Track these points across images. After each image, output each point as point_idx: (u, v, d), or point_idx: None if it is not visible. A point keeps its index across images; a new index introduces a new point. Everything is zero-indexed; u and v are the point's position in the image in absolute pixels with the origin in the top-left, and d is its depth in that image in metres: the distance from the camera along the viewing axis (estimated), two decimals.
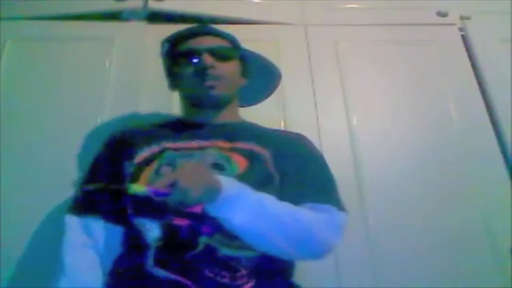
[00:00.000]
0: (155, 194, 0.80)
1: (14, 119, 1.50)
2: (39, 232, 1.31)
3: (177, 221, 0.91)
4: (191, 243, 0.89)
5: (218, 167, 0.98)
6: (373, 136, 1.59)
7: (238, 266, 0.89)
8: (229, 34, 1.20)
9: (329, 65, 1.72)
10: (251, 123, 1.21)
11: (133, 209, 0.97)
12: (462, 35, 1.83)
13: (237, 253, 0.90)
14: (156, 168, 0.99)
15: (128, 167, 1.02)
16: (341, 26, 1.82)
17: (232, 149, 1.03)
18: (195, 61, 1.09)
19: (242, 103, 1.27)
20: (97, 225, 1.02)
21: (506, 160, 1.56)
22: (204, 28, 1.17)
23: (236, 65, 1.17)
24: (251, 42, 1.74)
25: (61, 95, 1.56)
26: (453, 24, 1.85)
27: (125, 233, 1.00)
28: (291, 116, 1.60)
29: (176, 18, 1.74)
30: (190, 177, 0.81)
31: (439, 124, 1.63)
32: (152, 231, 0.91)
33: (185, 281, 0.85)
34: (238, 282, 0.88)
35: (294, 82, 1.66)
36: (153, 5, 1.72)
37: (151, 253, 0.88)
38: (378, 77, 1.71)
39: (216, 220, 0.89)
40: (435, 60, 1.76)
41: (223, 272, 0.88)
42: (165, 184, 0.80)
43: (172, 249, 0.88)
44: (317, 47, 1.75)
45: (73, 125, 1.48)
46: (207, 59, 1.08)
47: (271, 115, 1.60)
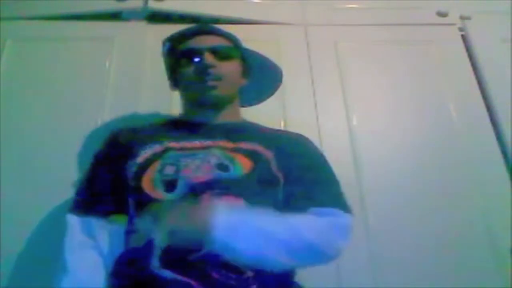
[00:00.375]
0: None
1: (14, 119, 1.50)
2: (39, 232, 1.31)
3: None
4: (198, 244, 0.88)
5: (222, 168, 0.98)
6: (373, 136, 1.59)
7: (244, 268, 0.89)
8: (230, 34, 1.19)
9: (329, 65, 1.72)
10: (253, 123, 1.21)
11: (139, 210, 0.97)
12: (462, 35, 1.83)
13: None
14: (160, 168, 0.98)
15: (131, 167, 1.02)
16: (341, 26, 1.82)
17: (235, 150, 1.03)
18: (196, 61, 1.09)
19: (244, 103, 1.27)
20: (99, 225, 1.01)
21: (506, 160, 1.57)
22: (206, 28, 1.17)
23: (238, 65, 1.17)
24: (251, 42, 1.74)
25: (61, 95, 1.56)
26: (453, 24, 1.85)
27: (128, 233, 0.99)
28: (291, 116, 1.60)
29: (176, 18, 1.75)
30: (176, 218, 0.84)
31: (439, 124, 1.63)
32: (157, 232, 0.90)
33: (192, 282, 0.85)
34: (244, 284, 0.88)
35: (294, 82, 1.66)
36: (153, 5, 1.72)
37: (157, 254, 0.88)
38: (378, 77, 1.71)
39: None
40: (435, 60, 1.76)
41: (229, 274, 0.87)
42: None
43: (178, 250, 0.88)
44: (317, 47, 1.75)
45: (73, 125, 1.48)
46: (208, 59, 1.08)
47: (271, 115, 1.60)
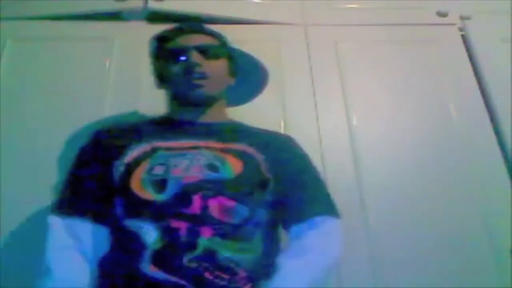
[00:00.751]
0: None
1: (14, 119, 1.50)
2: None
3: (176, 224, 0.90)
4: (190, 246, 0.88)
5: (213, 168, 0.98)
6: (373, 136, 1.59)
7: (237, 269, 0.89)
8: (218, 33, 1.19)
9: (329, 65, 1.72)
10: (240, 123, 1.20)
11: (127, 211, 0.95)
12: (462, 35, 1.83)
13: (237, 256, 0.90)
14: (149, 168, 0.97)
15: (118, 166, 1.00)
16: (341, 26, 1.82)
17: (225, 150, 1.02)
18: (183, 59, 1.08)
19: (230, 103, 1.25)
20: (83, 226, 0.99)
21: (506, 160, 1.56)
22: (193, 26, 1.17)
23: (225, 64, 1.16)
24: (251, 42, 1.75)
25: (61, 95, 1.56)
26: (453, 24, 1.85)
27: (114, 235, 0.97)
28: (291, 116, 1.60)
29: (176, 18, 1.74)
30: None
31: (439, 124, 1.63)
32: (149, 234, 0.90)
33: (184, 283, 0.85)
34: (237, 285, 0.88)
35: (294, 82, 1.66)
36: (153, 5, 1.72)
37: (148, 256, 0.87)
38: (378, 77, 1.71)
39: (213, 222, 0.89)
40: (435, 60, 1.76)
41: (223, 275, 0.87)
42: None
43: (171, 252, 0.88)
44: (317, 47, 1.75)
45: (73, 125, 1.48)
46: (195, 57, 1.07)
47: (271, 115, 1.60)
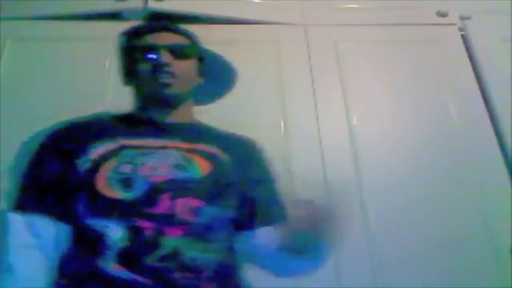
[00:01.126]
0: None
1: (14, 119, 1.50)
2: None
3: (142, 223, 0.89)
4: (155, 245, 0.87)
5: (180, 168, 0.97)
6: (373, 136, 1.59)
7: (202, 268, 0.89)
8: (189, 32, 1.17)
9: (329, 65, 1.72)
10: (205, 124, 1.19)
11: (91, 209, 0.93)
12: (462, 35, 1.83)
13: (202, 256, 0.90)
14: (115, 166, 0.95)
15: (83, 163, 0.97)
16: (341, 26, 1.82)
17: (192, 151, 1.01)
18: (152, 58, 1.07)
19: (198, 102, 1.23)
20: (43, 223, 0.96)
21: (506, 160, 1.57)
22: (164, 24, 1.15)
23: (194, 64, 1.14)
24: (251, 42, 1.76)
25: (61, 95, 1.56)
26: (453, 24, 1.85)
27: (76, 233, 0.95)
28: (291, 116, 1.60)
29: (176, 18, 1.74)
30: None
31: (439, 124, 1.63)
32: (114, 232, 0.88)
33: (148, 283, 0.84)
34: (201, 284, 0.88)
35: (294, 82, 1.66)
36: (153, 5, 1.72)
37: (112, 254, 0.86)
38: (378, 77, 1.71)
39: (179, 222, 0.89)
40: (435, 60, 1.76)
41: (187, 274, 0.87)
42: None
43: (135, 251, 0.87)
44: (317, 47, 1.75)
45: None
46: (164, 56, 1.06)
47: (271, 115, 1.60)
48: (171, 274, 0.86)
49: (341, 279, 1.35)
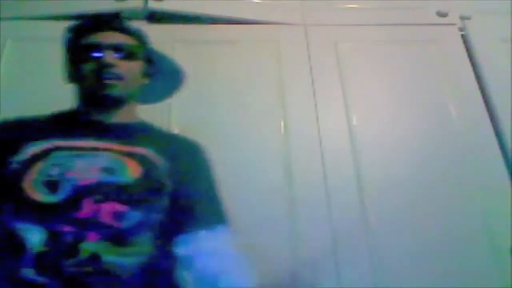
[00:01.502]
0: None
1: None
2: None
3: (62, 227, 0.88)
4: (74, 249, 0.86)
5: (110, 171, 0.95)
6: (373, 136, 1.59)
7: (121, 272, 0.88)
8: (138, 32, 1.15)
9: (329, 65, 1.72)
10: (148, 124, 1.17)
11: (15, 212, 0.91)
12: (462, 35, 1.83)
13: (122, 260, 0.89)
14: (43, 168, 0.93)
15: (12, 164, 0.94)
16: (341, 26, 1.82)
17: (126, 154, 1.00)
18: (97, 57, 1.05)
19: (143, 101, 1.22)
20: None
21: (506, 160, 1.57)
22: (111, 23, 1.13)
23: (140, 64, 1.12)
24: (251, 42, 1.76)
25: (61, 95, 1.55)
26: (453, 24, 1.85)
27: None
28: (291, 116, 1.60)
29: (176, 18, 1.75)
30: None
31: (439, 124, 1.63)
32: (34, 236, 0.86)
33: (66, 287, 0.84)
34: (121, 287, 0.87)
35: (294, 82, 1.66)
36: (153, 5, 1.72)
37: (30, 259, 0.85)
38: (378, 77, 1.71)
39: (101, 226, 0.88)
40: (435, 60, 1.76)
41: (105, 279, 0.86)
42: None
43: (53, 256, 0.85)
44: (317, 47, 1.75)
45: None
46: (109, 56, 1.04)
47: (271, 115, 1.60)
48: (90, 279, 0.85)
49: (341, 279, 1.35)
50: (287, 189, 1.48)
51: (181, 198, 1.01)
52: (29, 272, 0.84)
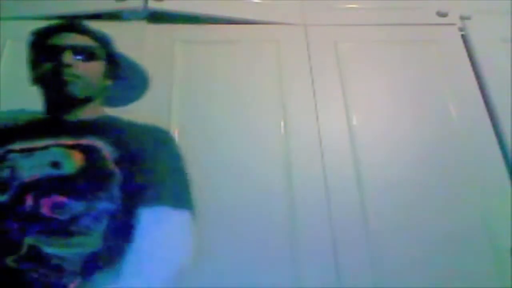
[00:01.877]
0: None
1: None
2: None
3: (9, 224, 0.89)
4: (16, 246, 0.88)
5: (55, 166, 0.97)
6: (373, 136, 1.59)
7: (63, 265, 0.88)
8: (99, 33, 1.16)
9: (329, 65, 1.72)
10: (113, 118, 1.17)
11: None
12: (462, 35, 1.83)
13: (63, 251, 0.89)
14: None
15: None
16: (341, 26, 1.82)
17: (73, 146, 1.01)
18: (55, 58, 1.06)
19: (109, 105, 1.24)
20: None
21: (506, 160, 1.57)
22: (72, 25, 1.14)
23: (100, 66, 1.14)
24: (251, 42, 1.76)
25: None
26: (453, 24, 1.85)
27: None
28: (291, 116, 1.60)
29: (176, 18, 1.75)
30: None
31: (439, 124, 1.63)
32: None
33: (10, 284, 0.85)
34: (63, 281, 0.87)
35: (294, 82, 1.67)
36: (153, 5, 1.72)
37: None
38: (378, 77, 1.71)
39: (42, 219, 0.89)
40: (435, 60, 1.76)
41: (47, 272, 0.87)
42: None
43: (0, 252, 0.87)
44: (317, 47, 1.75)
45: None
46: (67, 57, 1.06)
47: (271, 115, 1.60)
48: (29, 273, 0.86)
49: (341, 279, 1.35)
50: (287, 189, 1.48)
51: (137, 188, 1.01)
52: None
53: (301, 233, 1.42)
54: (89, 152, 1.01)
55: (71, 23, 1.15)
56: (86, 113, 1.12)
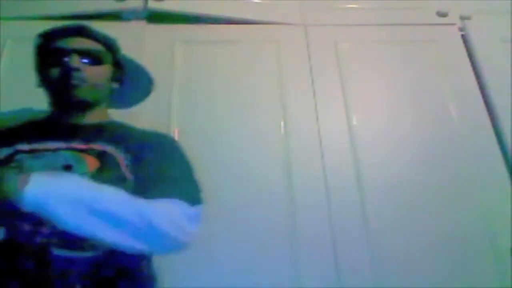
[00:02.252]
0: None
1: None
2: None
3: (21, 225, 0.90)
4: (27, 246, 0.89)
5: (67, 169, 0.98)
6: (373, 136, 1.59)
7: (71, 267, 0.89)
8: (106, 37, 1.17)
9: (329, 65, 1.72)
10: (117, 123, 1.19)
11: None
12: (462, 35, 1.83)
13: (71, 254, 0.90)
14: (6, 171, 0.95)
15: None
16: (341, 26, 1.82)
17: (85, 150, 1.02)
18: (63, 61, 1.08)
19: (114, 106, 1.25)
20: None
21: (506, 160, 1.57)
22: (79, 28, 1.15)
23: (107, 69, 1.15)
24: (251, 42, 1.76)
25: None
26: (453, 24, 1.85)
27: None
28: (291, 116, 1.60)
29: (176, 18, 1.75)
30: None
31: (439, 124, 1.63)
32: None
33: (18, 282, 0.86)
34: (70, 283, 0.88)
35: (294, 82, 1.67)
36: (153, 5, 1.72)
37: None
38: (378, 77, 1.71)
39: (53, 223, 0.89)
40: (435, 60, 1.76)
41: (55, 273, 0.88)
42: None
43: (9, 251, 0.88)
44: (317, 47, 1.75)
45: None
46: (75, 61, 1.07)
47: (271, 115, 1.60)
48: (37, 273, 0.87)
49: (341, 279, 1.35)
50: (287, 189, 1.48)
51: (148, 192, 1.01)
52: None
53: (301, 233, 1.42)
54: (103, 157, 1.02)
55: (78, 27, 1.15)
56: (93, 117, 1.13)
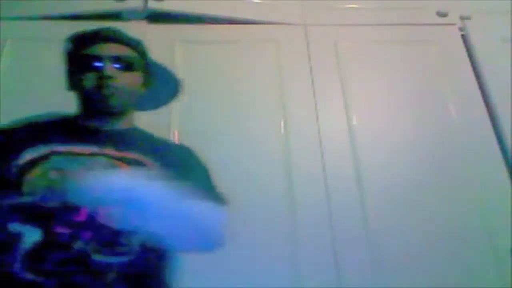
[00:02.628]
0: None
1: (14, 119, 1.49)
2: None
3: (59, 229, 0.90)
4: (65, 249, 0.89)
5: None
6: (373, 136, 1.59)
7: (109, 271, 0.90)
8: (137, 42, 1.17)
9: (329, 65, 1.72)
10: (141, 130, 1.19)
11: (13, 213, 0.93)
12: (462, 35, 1.83)
13: (109, 259, 0.91)
14: (42, 172, 0.96)
15: (13, 168, 0.97)
16: (341, 26, 1.82)
17: (121, 158, 1.03)
18: (97, 68, 1.07)
19: (140, 109, 1.23)
20: None
21: (506, 160, 1.57)
22: (111, 34, 1.14)
23: (139, 76, 1.14)
24: (251, 42, 1.76)
25: (61, 95, 1.56)
26: (453, 24, 1.85)
27: None
28: (291, 116, 1.60)
29: (176, 18, 1.75)
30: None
31: (439, 124, 1.63)
32: (30, 236, 0.89)
33: (52, 285, 0.86)
34: (105, 286, 0.89)
35: (294, 82, 1.67)
36: (153, 5, 1.72)
37: (21, 257, 0.87)
38: (378, 77, 1.71)
39: (96, 227, 0.90)
40: (435, 60, 1.76)
41: (92, 277, 0.88)
42: None
43: (44, 254, 0.88)
44: (317, 47, 1.75)
45: None
46: (109, 68, 1.06)
47: (271, 115, 1.60)
48: (75, 277, 0.87)
49: (341, 279, 1.35)
50: (287, 189, 1.49)
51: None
52: (20, 270, 0.86)
53: (301, 233, 1.42)
54: (135, 166, 1.02)
55: (109, 31, 1.14)
56: (122, 123, 1.13)
